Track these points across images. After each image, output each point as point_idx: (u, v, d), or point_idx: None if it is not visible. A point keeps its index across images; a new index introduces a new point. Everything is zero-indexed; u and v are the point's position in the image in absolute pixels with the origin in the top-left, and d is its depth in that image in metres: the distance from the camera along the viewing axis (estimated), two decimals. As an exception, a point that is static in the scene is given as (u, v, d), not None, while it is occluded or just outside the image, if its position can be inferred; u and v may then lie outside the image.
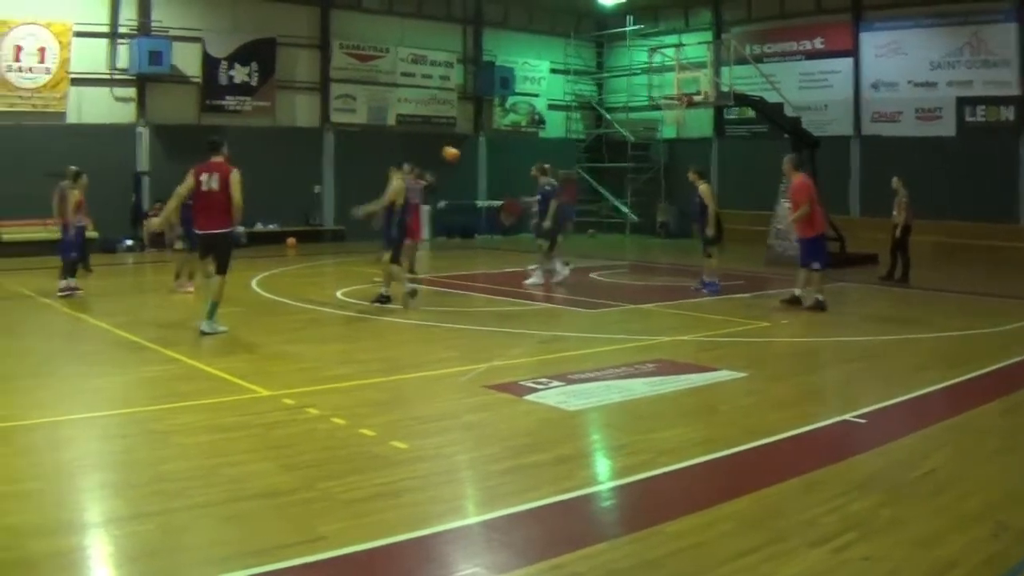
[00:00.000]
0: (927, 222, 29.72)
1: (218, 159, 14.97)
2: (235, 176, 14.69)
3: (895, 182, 23.58)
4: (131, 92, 31.04)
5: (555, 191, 22.46)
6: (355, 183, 27.09)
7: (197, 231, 15.31)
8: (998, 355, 13.69)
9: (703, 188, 20.69)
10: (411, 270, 21.47)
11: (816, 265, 18.37)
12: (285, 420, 9.87)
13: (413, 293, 17.94)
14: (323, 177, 35.34)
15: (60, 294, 18.66)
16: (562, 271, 22.72)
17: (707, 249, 20.96)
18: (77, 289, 19.06)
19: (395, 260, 18.00)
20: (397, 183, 17.85)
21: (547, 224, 22.00)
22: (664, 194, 40.16)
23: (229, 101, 32.90)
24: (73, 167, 19.87)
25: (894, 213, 23.42)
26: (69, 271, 19.17)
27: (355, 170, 33.62)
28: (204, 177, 14.81)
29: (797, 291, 18.46)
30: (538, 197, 22.62)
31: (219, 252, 14.97)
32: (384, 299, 18.02)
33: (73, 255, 19.47)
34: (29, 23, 28.38)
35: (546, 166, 23.01)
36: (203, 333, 14.66)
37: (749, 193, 34.34)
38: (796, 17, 36.66)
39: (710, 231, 20.74)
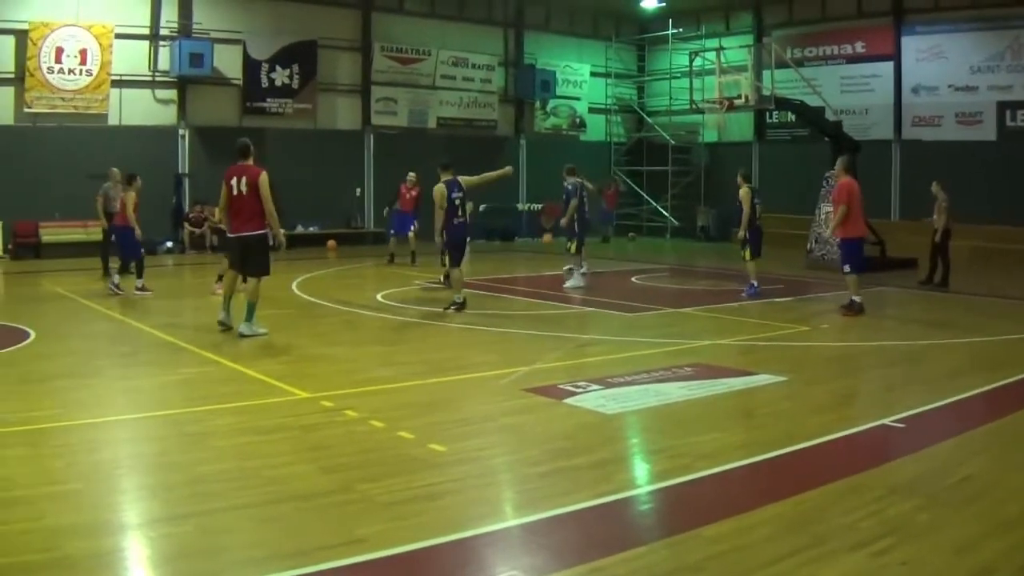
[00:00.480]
0: (966, 226, 29.50)
1: (247, 162, 14.92)
2: (263, 178, 14.66)
3: (934, 187, 23.45)
4: (172, 94, 31.30)
5: (576, 190, 22.41)
6: (396, 186, 27.10)
7: (230, 235, 15.32)
8: (1039, 361, 13.61)
9: (742, 192, 20.59)
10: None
11: (847, 268, 18.26)
12: (324, 422, 9.89)
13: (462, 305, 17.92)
14: (364, 180, 35.45)
15: (138, 292, 19.41)
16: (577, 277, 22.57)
17: (743, 252, 20.91)
18: (148, 290, 19.47)
19: (456, 264, 18.00)
20: (438, 187, 17.83)
21: (564, 221, 22.38)
22: (704, 198, 40.13)
23: (270, 103, 33.08)
24: (122, 170, 20.13)
25: (934, 217, 23.30)
26: (139, 271, 19.65)
27: (396, 173, 33.69)
28: (234, 181, 14.79)
29: (856, 297, 18.29)
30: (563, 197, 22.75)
31: (254, 254, 14.99)
32: (458, 305, 17.79)
33: (142, 252, 19.84)
34: (70, 25, 28.59)
35: (572, 167, 23.15)
36: (241, 335, 14.71)
37: (790, 197, 34.21)
38: (837, 21, 36.52)
39: (741, 234, 20.80)
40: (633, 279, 24.67)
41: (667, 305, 19.53)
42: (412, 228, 27.16)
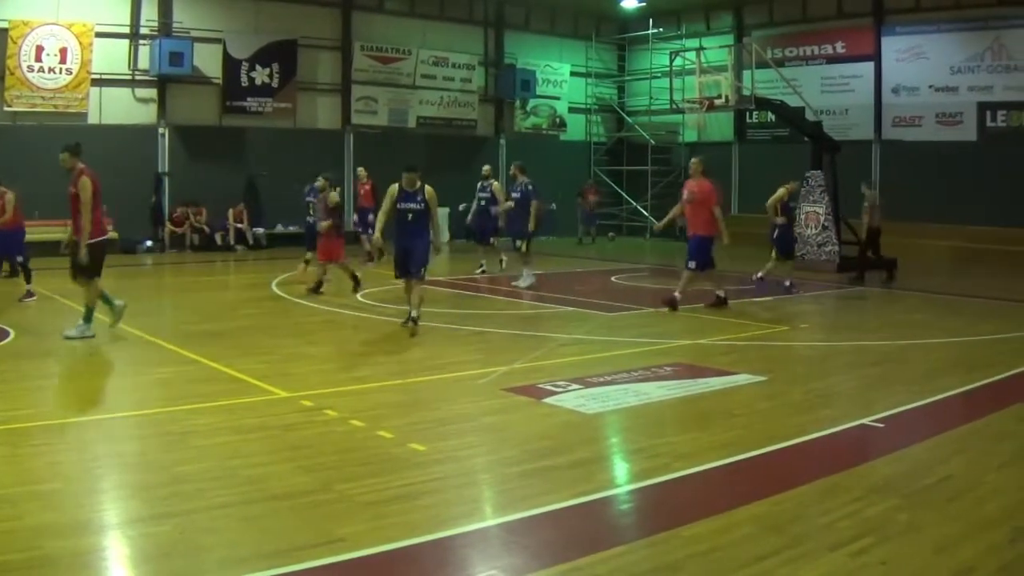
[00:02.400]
0: (947, 227, 29.75)
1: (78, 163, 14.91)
2: (83, 182, 14.50)
3: (864, 188, 24.09)
4: (152, 93, 31.17)
5: (534, 190, 22.65)
6: (376, 185, 27.06)
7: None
8: (1017, 360, 13.63)
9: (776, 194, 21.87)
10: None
11: (692, 265, 19.17)
12: (303, 422, 9.89)
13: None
14: (344, 179, 35.37)
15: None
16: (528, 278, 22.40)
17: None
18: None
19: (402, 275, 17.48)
20: (392, 186, 17.74)
21: (531, 225, 22.33)
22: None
23: (250, 102, 32.95)
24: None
25: (863, 218, 23.93)
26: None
27: (376, 172, 33.65)
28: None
29: (720, 292, 19.35)
30: (516, 195, 22.93)
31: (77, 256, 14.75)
32: (412, 321, 16.35)
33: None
34: (50, 23, 28.50)
35: (522, 165, 23.57)
36: (67, 337, 14.47)
37: (769, 197, 34.29)
38: (818, 21, 36.58)
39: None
40: (613, 279, 24.70)
41: (648, 305, 19.54)
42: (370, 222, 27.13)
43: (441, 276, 23.39)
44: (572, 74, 42.03)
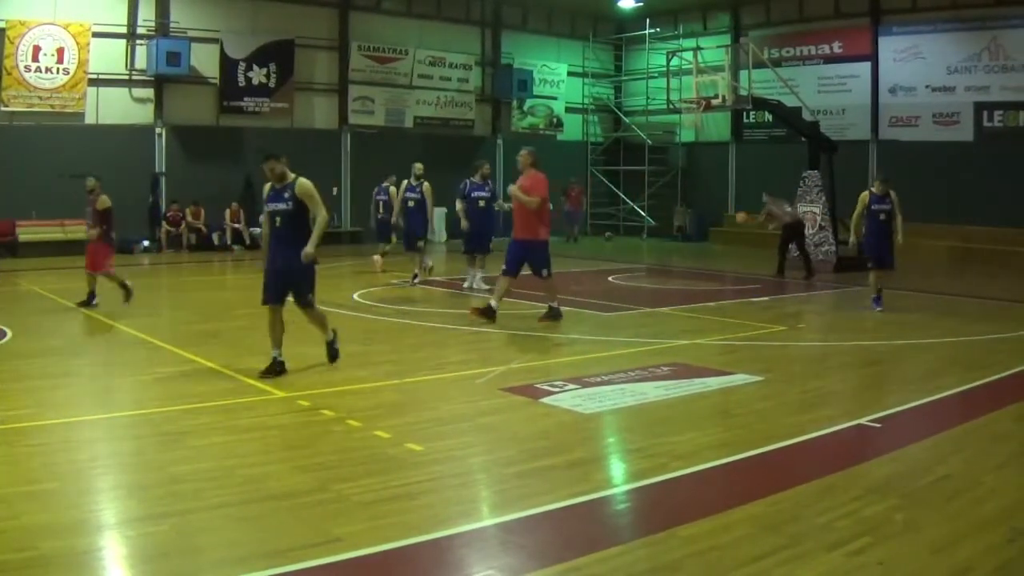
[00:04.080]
0: (944, 227, 29.76)
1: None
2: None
3: (765, 196, 25.78)
4: (149, 93, 31.18)
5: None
6: (373, 185, 26.99)
7: None
8: (1014, 360, 13.62)
9: (864, 195, 19.21)
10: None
11: (544, 272, 16.84)
12: (300, 422, 9.89)
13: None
14: (341, 179, 35.37)
15: None
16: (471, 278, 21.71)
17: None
18: None
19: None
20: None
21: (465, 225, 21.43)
22: (681, 198, 40.26)
23: (247, 102, 32.96)
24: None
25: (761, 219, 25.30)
26: None
27: (373, 172, 33.70)
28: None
29: (493, 302, 16.79)
30: (488, 193, 21.93)
31: None
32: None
33: None
34: (47, 23, 28.49)
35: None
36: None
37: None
38: (815, 21, 36.59)
39: (900, 238, 18.83)
40: (610, 279, 24.70)
41: (645, 305, 19.54)
42: None
43: (438, 276, 23.39)
44: (569, 74, 42.06)
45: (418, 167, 22.81)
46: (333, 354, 13.03)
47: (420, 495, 7.55)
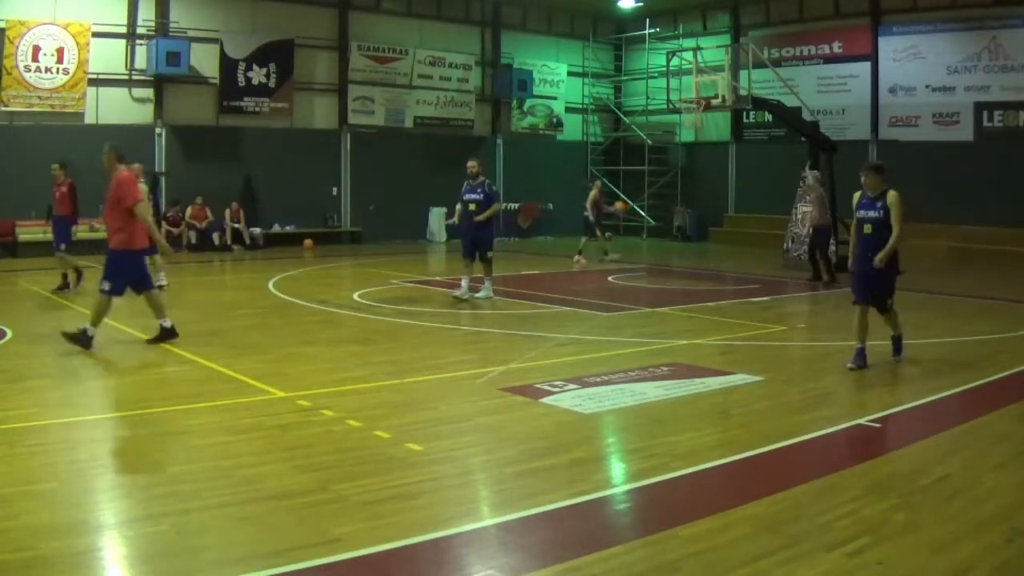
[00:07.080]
0: (944, 227, 29.74)
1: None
2: None
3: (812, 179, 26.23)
4: (149, 93, 31.17)
5: (497, 195, 20.73)
6: (373, 185, 27.01)
7: None
8: (1014, 360, 13.63)
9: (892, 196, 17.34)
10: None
11: (105, 286, 13.98)
12: (300, 422, 9.88)
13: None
14: (341, 179, 35.37)
15: None
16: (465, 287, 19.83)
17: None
18: None
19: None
20: None
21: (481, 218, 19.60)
22: (681, 198, 40.25)
23: (247, 102, 32.94)
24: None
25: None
26: None
27: (373, 172, 33.73)
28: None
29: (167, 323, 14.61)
30: (480, 196, 19.47)
31: None
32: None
33: None
34: (47, 23, 28.49)
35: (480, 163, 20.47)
36: None
37: (766, 197, 34.43)
38: (814, 21, 36.58)
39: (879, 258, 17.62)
40: (610, 279, 24.68)
41: (645, 305, 19.54)
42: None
43: (438, 276, 23.38)
44: (569, 74, 42.04)
45: (473, 165, 19.92)
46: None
47: (420, 495, 7.55)
